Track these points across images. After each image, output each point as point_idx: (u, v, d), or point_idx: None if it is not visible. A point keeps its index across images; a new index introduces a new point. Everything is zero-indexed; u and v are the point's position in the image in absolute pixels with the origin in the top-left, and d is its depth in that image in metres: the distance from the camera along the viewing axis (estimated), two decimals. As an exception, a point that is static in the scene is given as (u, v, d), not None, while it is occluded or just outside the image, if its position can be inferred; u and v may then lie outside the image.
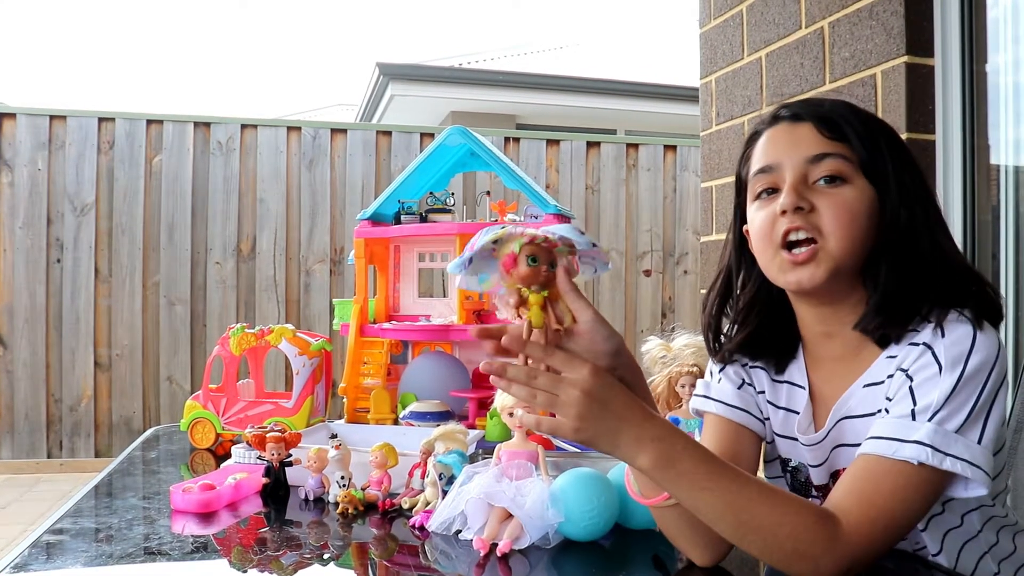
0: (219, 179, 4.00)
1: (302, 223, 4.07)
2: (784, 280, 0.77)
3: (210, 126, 4.00)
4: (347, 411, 1.57)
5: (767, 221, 0.77)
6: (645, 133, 6.21)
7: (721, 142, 2.11)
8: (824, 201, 0.74)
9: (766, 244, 0.78)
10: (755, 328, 0.84)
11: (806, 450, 0.82)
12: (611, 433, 0.66)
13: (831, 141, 0.75)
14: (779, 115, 0.79)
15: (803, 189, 0.75)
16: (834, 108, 0.77)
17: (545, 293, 0.69)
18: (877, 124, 0.78)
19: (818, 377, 0.82)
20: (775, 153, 0.77)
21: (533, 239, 0.69)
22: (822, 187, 0.75)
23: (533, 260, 0.69)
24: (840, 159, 0.74)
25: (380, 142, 4.20)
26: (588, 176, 4.44)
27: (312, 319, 4.04)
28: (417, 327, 1.60)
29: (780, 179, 0.77)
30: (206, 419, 1.51)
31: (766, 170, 0.78)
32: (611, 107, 6.50)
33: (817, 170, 0.75)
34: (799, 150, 0.76)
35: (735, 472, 0.67)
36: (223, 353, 1.53)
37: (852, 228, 0.74)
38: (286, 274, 4.04)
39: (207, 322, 3.96)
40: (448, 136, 1.69)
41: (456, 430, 1.06)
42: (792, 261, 0.75)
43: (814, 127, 0.76)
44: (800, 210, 0.74)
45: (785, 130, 0.78)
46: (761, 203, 0.79)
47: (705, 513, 0.67)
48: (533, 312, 0.69)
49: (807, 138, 0.76)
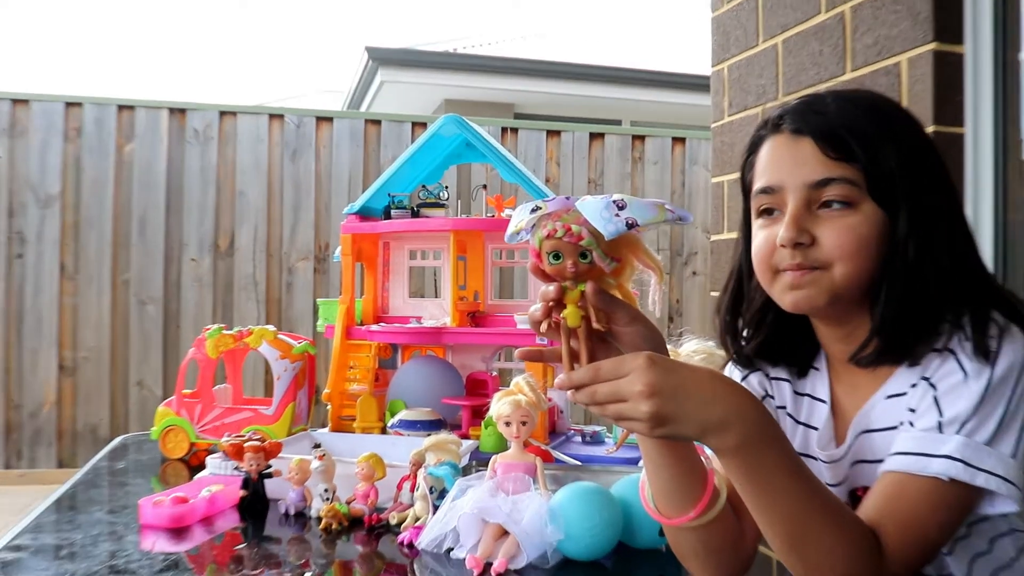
0: (195, 170, 3.99)
1: (284, 217, 4.07)
2: (782, 301, 0.77)
3: (186, 113, 3.99)
4: (331, 419, 1.57)
5: (766, 247, 0.77)
6: (652, 124, 6.22)
7: (733, 134, 2.12)
8: (827, 229, 0.74)
9: (764, 268, 0.78)
10: (770, 334, 0.85)
11: (825, 468, 0.81)
12: (695, 413, 0.64)
13: (835, 162, 0.74)
14: (781, 124, 0.78)
15: (804, 219, 0.74)
16: (841, 116, 0.75)
17: (582, 287, 0.68)
18: (890, 128, 0.75)
19: (840, 389, 0.82)
20: (776, 173, 0.77)
21: (551, 234, 0.67)
22: (826, 212, 0.74)
23: (556, 257, 0.68)
24: (845, 184, 0.73)
25: (369, 131, 4.20)
26: (591, 169, 4.44)
27: (294, 320, 4.04)
28: (407, 329, 1.60)
29: (781, 202, 0.76)
30: (179, 427, 1.51)
31: (767, 191, 0.78)
32: (616, 96, 6.50)
33: (821, 195, 0.74)
34: (801, 173, 0.75)
35: (812, 476, 0.67)
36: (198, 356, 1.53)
37: (857, 257, 0.73)
38: (267, 272, 4.04)
39: (181, 323, 3.95)
40: (442, 126, 1.68)
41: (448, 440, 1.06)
42: (791, 283, 0.75)
43: (816, 145, 0.74)
44: (800, 245, 0.74)
45: (787, 145, 0.77)
46: (763, 222, 0.79)
47: (768, 515, 0.66)
48: (569, 312, 0.68)
49: (809, 159, 0.75)
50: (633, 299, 0.73)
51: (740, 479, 0.66)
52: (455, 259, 1.64)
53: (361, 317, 1.71)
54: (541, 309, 0.70)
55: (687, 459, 0.74)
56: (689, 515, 0.73)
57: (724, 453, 0.66)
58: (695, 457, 0.76)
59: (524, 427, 1.00)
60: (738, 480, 0.67)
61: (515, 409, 1.00)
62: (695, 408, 0.64)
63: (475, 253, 1.72)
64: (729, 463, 0.66)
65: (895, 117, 0.77)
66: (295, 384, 1.55)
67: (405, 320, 1.70)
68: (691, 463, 0.75)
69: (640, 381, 0.63)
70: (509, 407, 1.01)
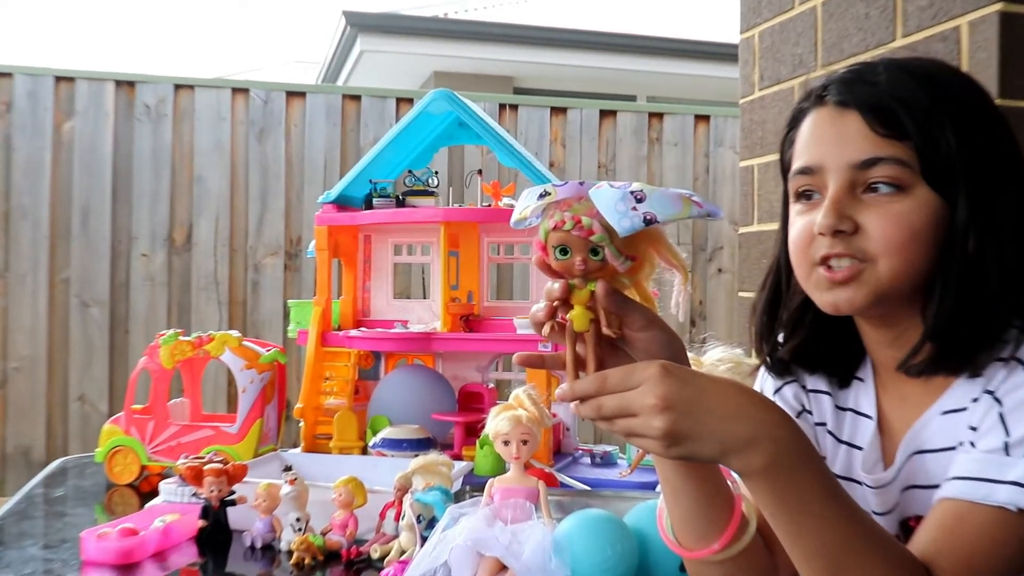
0: (146, 152, 4.00)
1: (250, 207, 4.08)
2: (820, 300, 0.78)
3: (135, 86, 3.99)
4: (304, 438, 1.58)
5: (804, 235, 0.77)
6: (671, 100, 6.23)
7: (765, 111, 2.12)
8: (873, 216, 0.74)
9: (801, 260, 0.78)
10: (808, 336, 0.85)
11: (872, 494, 0.81)
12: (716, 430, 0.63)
13: (884, 139, 0.74)
14: (825, 95, 0.79)
15: (847, 204, 0.75)
16: (893, 87, 0.75)
17: (592, 286, 0.68)
18: (950, 100, 0.75)
19: (888, 403, 0.82)
20: (817, 151, 0.77)
21: (559, 225, 0.67)
22: (872, 197, 0.74)
23: (563, 252, 0.68)
24: (895, 164, 0.73)
25: (347, 108, 4.20)
26: (601, 152, 4.45)
27: (262, 325, 4.04)
28: (391, 335, 1.61)
29: (822, 184, 0.77)
30: (128, 448, 1.51)
31: (806, 171, 0.78)
32: (630, 68, 6.52)
33: (867, 177, 0.74)
34: (845, 151, 0.75)
35: (851, 500, 0.67)
36: (151, 366, 1.54)
37: (906, 250, 0.73)
38: (230, 269, 4.04)
39: (130, 327, 3.95)
40: (431, 102, 1.69)
41: (438, 462, 1.07)
42: (830, 279, 0.75)
43: (863, 120, 0.75)
44: (841, 233, 0.74)
45: (830, 119, 0.77)
46: (801, 207, 0.79)
47: (803, 548, 0.66)
48: (576, 313, 0.68)
49: (855, 135, 0.75)
50: (652, 300, 0.73)
51: (770, 506, 0.66)
52: (446, 255, 1.64)
53: (339, 321, 1.72)
54: (545, 309, 0.70)
55: (710, 483, 0.74)
56: (713, 547, 0.73)
57: (751, 476, 0.66)
58: (720, 481, 0.76)
59: (525, 446, 1.00)
60: (768, 507, 0.67)
61: (515, 426, 1.00)
62: (716, 424, 0.63)
63: (469, 248, 1.73)
64: (757, 487, 0.66)
65: (956, 87, 0.77)
66: (262, 398, 1.56)
67: (389, 324, 1.70)
68: (715, 487, 0.75)
69: (652, 393, 0.63)
70: (508, 424, 1.01)
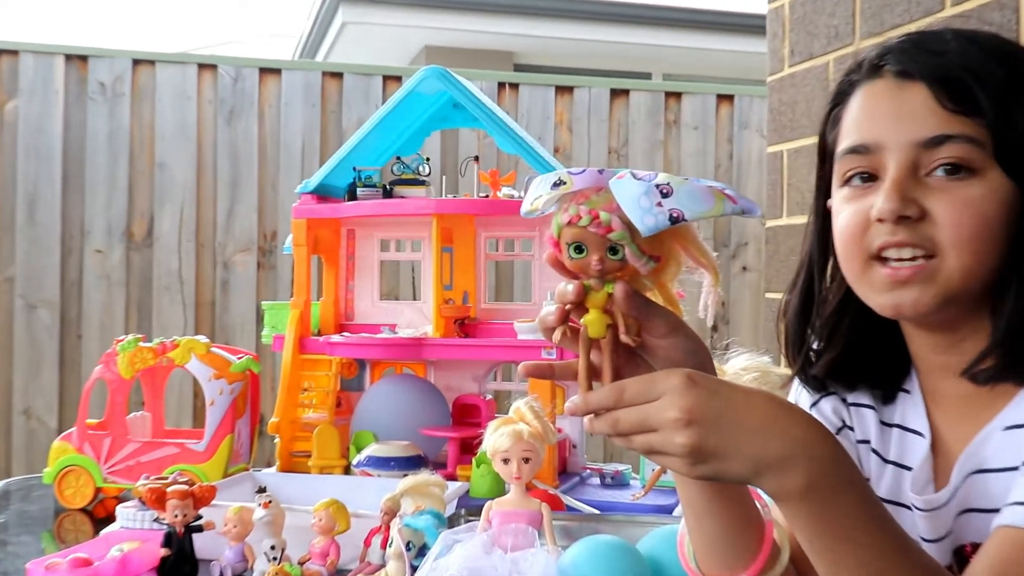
0: (101, 135, 3.99)
1: (219, 197, 4.07)
2: (877, 302, 0.77)
3: (88, 61, 3.99)
4: (280, 456, 1.58)
5: (857, 223, 0.77)
6: (691, 78, 6.23)
7: (796, 90, 2.13)
8: (941, 202, 0.74)
9: (853, 252, 0.78)
10: (847, 346, 0.85)
11: (922, 519, 0.81)
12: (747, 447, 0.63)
13: (954, 115, 0.74)
14: (882, 64, 0.78)
15: (910, 186, 0.74)
16: (964, 56, 0.75)
17: (610, 288, 0.68)
18: None
19: (941, 418, 0.83)
20: (874, 128, 0.77)
21: (573, 220, 0.67)
22: (939, 180, 0.74)
23: (578, 250, 0.67)
24: (965, 143, 0.73)
25: (328, 87, 4.20)
26: (612, 136, 4.46)
27: (232, 329, 4.04)
28: (378, 341, 1.61)
29: (879, 164, 0.76)
30: (81, 468, 1.51)
31: (860, 150, 0.77)
32: (644, 42, 6.52)
33: (933, 157, 0.74)
34: (908, 127, 0.75)
35: (898, 527, 0.67)
36: (107, 375, 1.54)
37: (979, 242, 0.73)
38: (196, 267, 4.04)
39: (84, 332, 3.95)
40: (421, 80, 1.70)
41: (430, 482, 1.07)
42: (891, 277, 0.75)
43: (931, 92, 0.74)
44: (905, 219, 0.74)
45: (890, 92, 0.77)
46: (851, 192, 0.79)
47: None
48: (591, 318, 0.68)
49: (920, 109, 0.75)
50: (676, 303, 0.73)
51: (807, 533, 0.66)
52: (439, 251, 1.65)
53: (319, 325, 1.72)
54: (556, 313, 0.69)
55: (739, 506, 0.75)
56: None
57: (786, 499, 0.66)
58: (750, 504, 0.76)
59: (527, 465, 1.01)
60: (804, 534, 0.67)
61: (515, 442, 1.01)
62: (747, 440, 0.64)
63: (464, 243, 1.73)
64: (792, 512, 0.66)
65: None
66: (233, 411, 1.56)
67: (375, 329, 1.71)
68: (744, 511, 0.75)
69: (675, 405, 0.63)
70: (508, 440, 1.01)
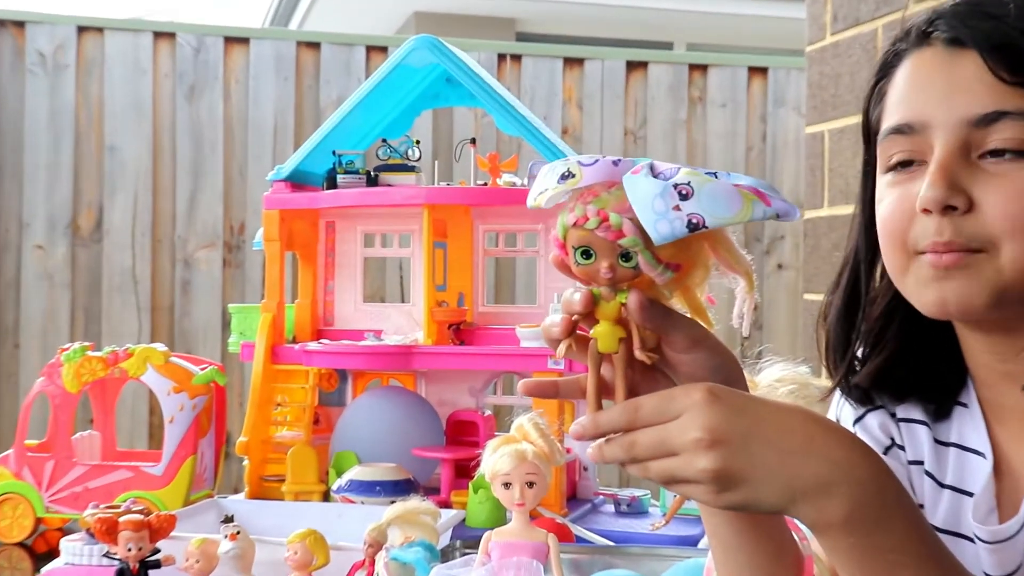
0: (41, 114, 3.99)
1: (178, 185, 4.07)
2: (921, 299, 0.78)
3: (25, 28, 3.99)
4: (249, 481, 1.59)
5: (899, 214, 0.78)
6: (718, 48, 6.22)
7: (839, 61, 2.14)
8: (993, 190, 0.74)
9: (895, 243, 0.78)
10: (895, 352, 0.86)
11: (987, 552, 0.82)
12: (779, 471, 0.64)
13: (1011, 88, 0.74)
14: (931, 31, 0.79)
15: (960, 171, 0.74)
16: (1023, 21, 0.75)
17: (622, 297, 0.67)
18: None
19: (1005, 435, 0.83)
20: (919, 104, 0.78)
21: (579, 221, 0.67)
22: (992, 166, 0.75)
23: (585, 255, 0.67)
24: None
25: (303, 59, 4.20)
26: (628, 116, 4.45)
27: (194, 336, 4.04)
28: (361, 348, 1.62)
29: (924, 147, 0.77)
30: (19, 495, 1.52)
31: (904, 130, 0.78)
32: (664, 7, 6.49)
33: (986, 137, 0.75)
34: (957, 102, 0.75)
35: (956, 562, 0.68)
36: (50, 389, 1.55)
37: None
38: (152, 265, 4.04)
39: (22, 340, 3.96)
40: (410, 52, 1.70)
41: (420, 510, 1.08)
42: (934, 266, 0.75)
43: (984, 63, 0.75)
44: (952, 210, 0.74)
45: (939, 62, 0.78)
46: (894, 178, 0.79)
47: None
48: (602, 330, 0.68)
49: (972, 82, 0.75)
50: (704, 312, 0.73)
51: (850, 567, 0.67)
52: (430, 246, 1.65)
53: (293, 331, 1.73)
54: (562, 323, 0.69)
55: (772, 538, 0.75)
56: None
57: (825, 529, 0.66)
58: (785, 535, 0.77)
59: (531, 490, 1.02)
60: (847, 569, 0.67)
61: (518, 464, 1.01)
62: (779, 463, 0.64)
63: (459, 238, 1.74)
64: (834, 544, 0.66)
65: None
66: (195, 430, 1.56)
67: (358, 335, 1.71)
68: (778, 544, 0.76)
69: (697, 425, 0.63)
70: (509, 461, 1.02)
